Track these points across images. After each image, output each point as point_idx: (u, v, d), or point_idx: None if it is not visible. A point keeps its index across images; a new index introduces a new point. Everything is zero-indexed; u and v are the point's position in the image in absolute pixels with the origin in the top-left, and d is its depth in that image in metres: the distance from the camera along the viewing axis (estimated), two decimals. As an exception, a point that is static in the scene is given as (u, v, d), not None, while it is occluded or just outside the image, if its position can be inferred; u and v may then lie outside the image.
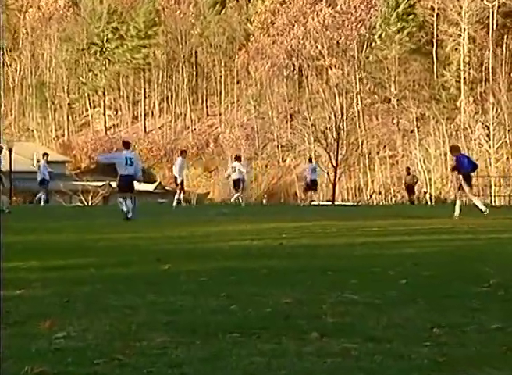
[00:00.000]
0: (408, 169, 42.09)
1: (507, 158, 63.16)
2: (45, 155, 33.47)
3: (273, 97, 78.43)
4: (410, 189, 38.88)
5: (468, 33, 69.74)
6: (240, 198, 30.46)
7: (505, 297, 6.21)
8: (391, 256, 9.82)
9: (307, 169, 34.43)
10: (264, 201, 33.90)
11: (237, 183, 30.41)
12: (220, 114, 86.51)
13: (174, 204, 28.62)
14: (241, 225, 16.42)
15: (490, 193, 53.52)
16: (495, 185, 56.60)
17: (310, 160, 34.96)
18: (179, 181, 28.72)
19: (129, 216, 19.23)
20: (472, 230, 15.09)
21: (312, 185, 32.87)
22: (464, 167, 19.88)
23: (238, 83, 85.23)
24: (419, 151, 64.93)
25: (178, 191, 28.91)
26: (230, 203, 29.46)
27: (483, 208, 20.15)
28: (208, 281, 7.23)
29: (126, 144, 20.88)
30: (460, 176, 19.92)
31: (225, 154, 76.40)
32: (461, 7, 69.69)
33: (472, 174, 20.95)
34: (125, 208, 19.19)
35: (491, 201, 49.34)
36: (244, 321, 5.15)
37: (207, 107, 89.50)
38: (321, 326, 4.97)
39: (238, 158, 32.18)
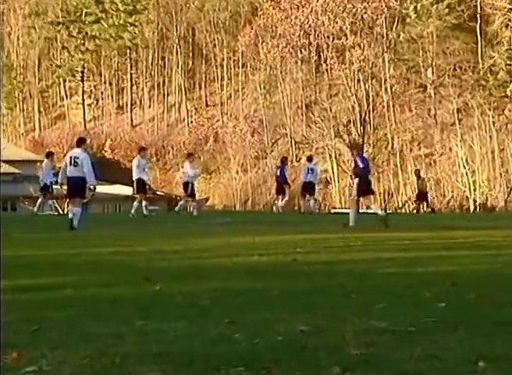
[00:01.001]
0: (418, 171, 42.37)
1: None
2: (50, 154, 33.13)
3: (285, 83, 78.50)
4: (421, 196, 39.11)
5: (521, 7, 69.62)
6: (183, 205, 30.60)
7: None
8: (426, 275, 9.82)
9: (303, 169, 33.96)
10: (275, 208, 33.80)
11: (185, 187, 30.40)
12: (222, 104, 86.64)
13: (145, 212, 28.13)
14: (247, 237, 16.45)
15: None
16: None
17: (309, 159, 34.73)
18: (145, 184, 28.45)
19: (74, 223, 19.89)
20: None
21: (307, 189, 32.58)
22: (362, 169, 20.23)
23: (243, 66, 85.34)
24: (461, 148, 64.81)
25: (139, 198, 28.39)
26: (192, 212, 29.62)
27: (380, 212, 21.98)
28: (208, 305, 7.25)
29: (79, 141, 21.56)
30: (357, 179, 20.28)
31: (227, 152, 76.50)
32: (512, -26, 69.60)
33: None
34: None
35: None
36: (251, 353, 5.16)
37: (206, 95, 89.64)
38: (344, 358, 4.97)
39: (189, 156, 32.18)
